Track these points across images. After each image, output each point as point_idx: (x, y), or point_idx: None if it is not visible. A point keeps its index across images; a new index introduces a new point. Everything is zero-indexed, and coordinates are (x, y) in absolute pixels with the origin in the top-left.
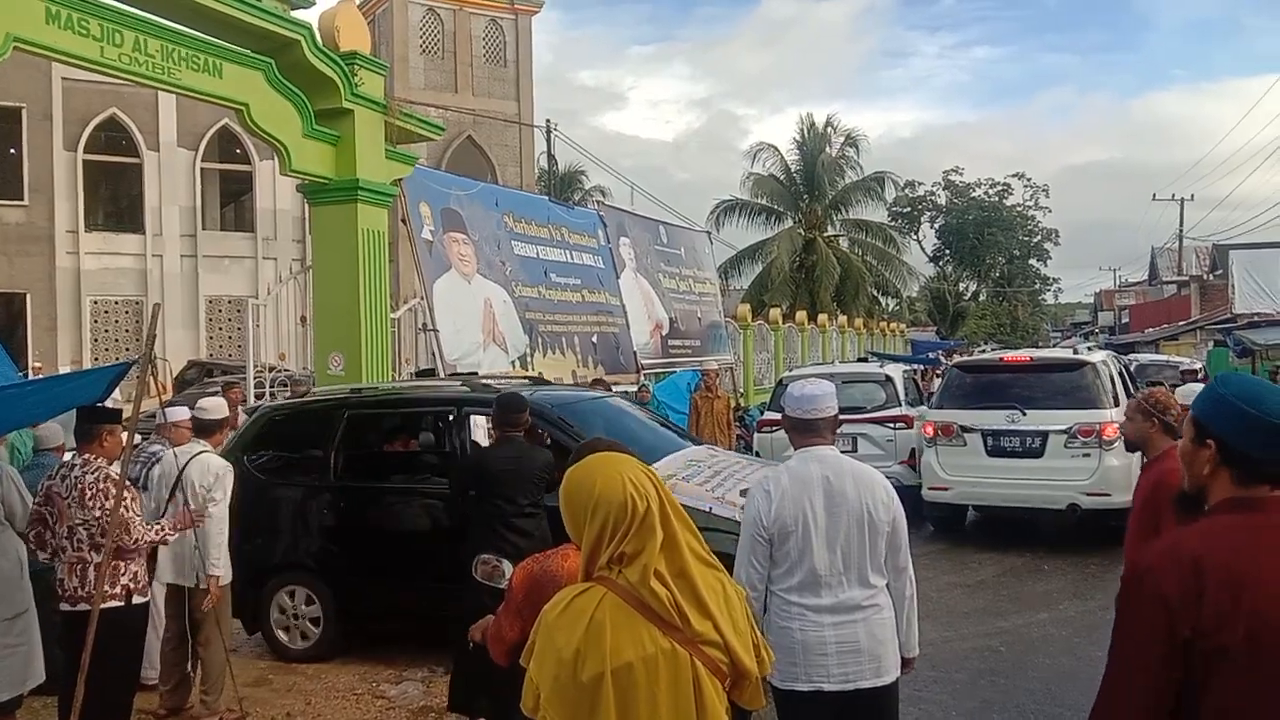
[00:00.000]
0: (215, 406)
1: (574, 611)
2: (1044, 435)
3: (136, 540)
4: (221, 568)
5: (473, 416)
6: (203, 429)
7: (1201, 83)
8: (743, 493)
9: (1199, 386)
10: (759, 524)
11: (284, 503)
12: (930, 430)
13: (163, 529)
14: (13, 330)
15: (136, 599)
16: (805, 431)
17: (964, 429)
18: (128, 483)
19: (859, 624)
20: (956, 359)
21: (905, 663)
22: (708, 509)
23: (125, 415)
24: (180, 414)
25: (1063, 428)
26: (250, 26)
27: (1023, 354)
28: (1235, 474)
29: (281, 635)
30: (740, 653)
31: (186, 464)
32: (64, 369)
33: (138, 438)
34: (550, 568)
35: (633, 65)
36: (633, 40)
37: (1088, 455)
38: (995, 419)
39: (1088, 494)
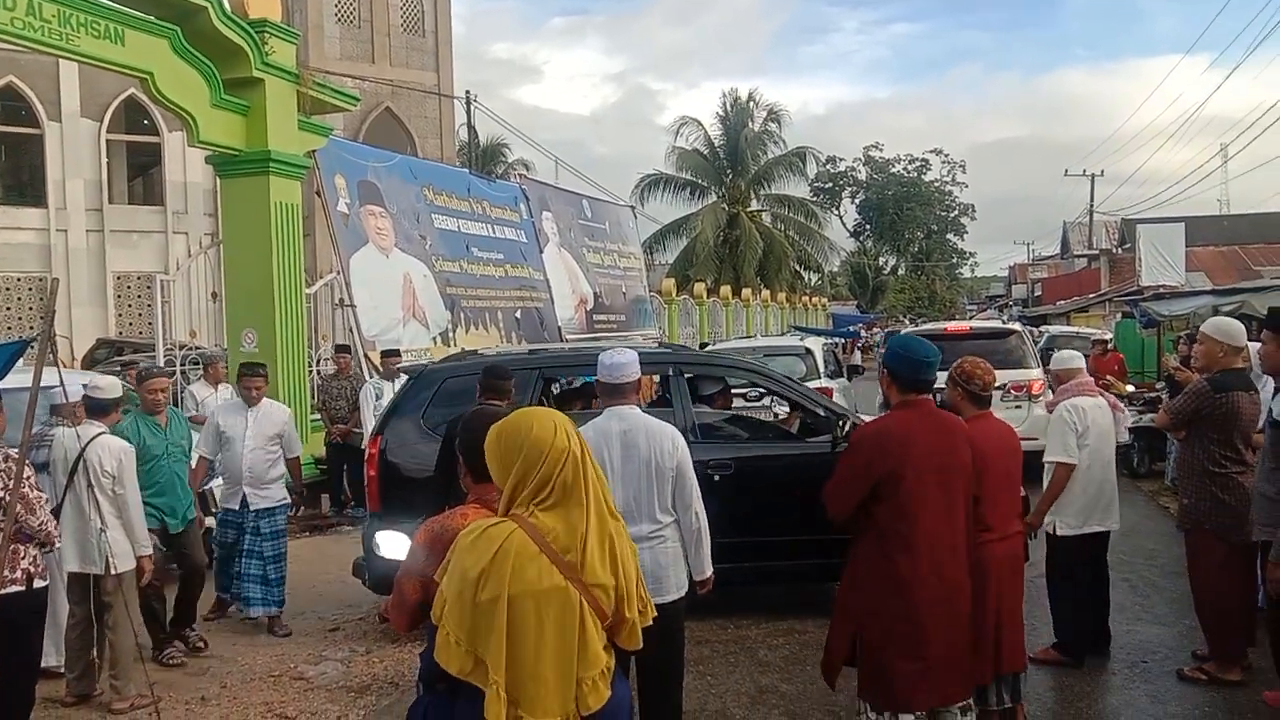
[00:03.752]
0: (108, 385)
1: (485, 539)
2: None
3: (42, 524)
4: (142, 548)
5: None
6: (96, 409)
7: (1104, 62)
8: None
9: (1068, 353)
10: None
11: None
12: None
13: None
14: None
15: (37, 583)
16: (612, 393)
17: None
18: (29, 464)
19: (645, 551)
20: (877, 331)
21: (701, 583)
22: None
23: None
24: (79, 392)
25: (999, 385)
26: None
27: (963, 324)
28: (899, 388)
29: None
30: (625, 601)
31: (86, 445)
32: None
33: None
34: (451, 526)
35: (547, 38)
36: (546, 13)
37: (1019, 407)
38: (942, 379)
39: (1021, 439)
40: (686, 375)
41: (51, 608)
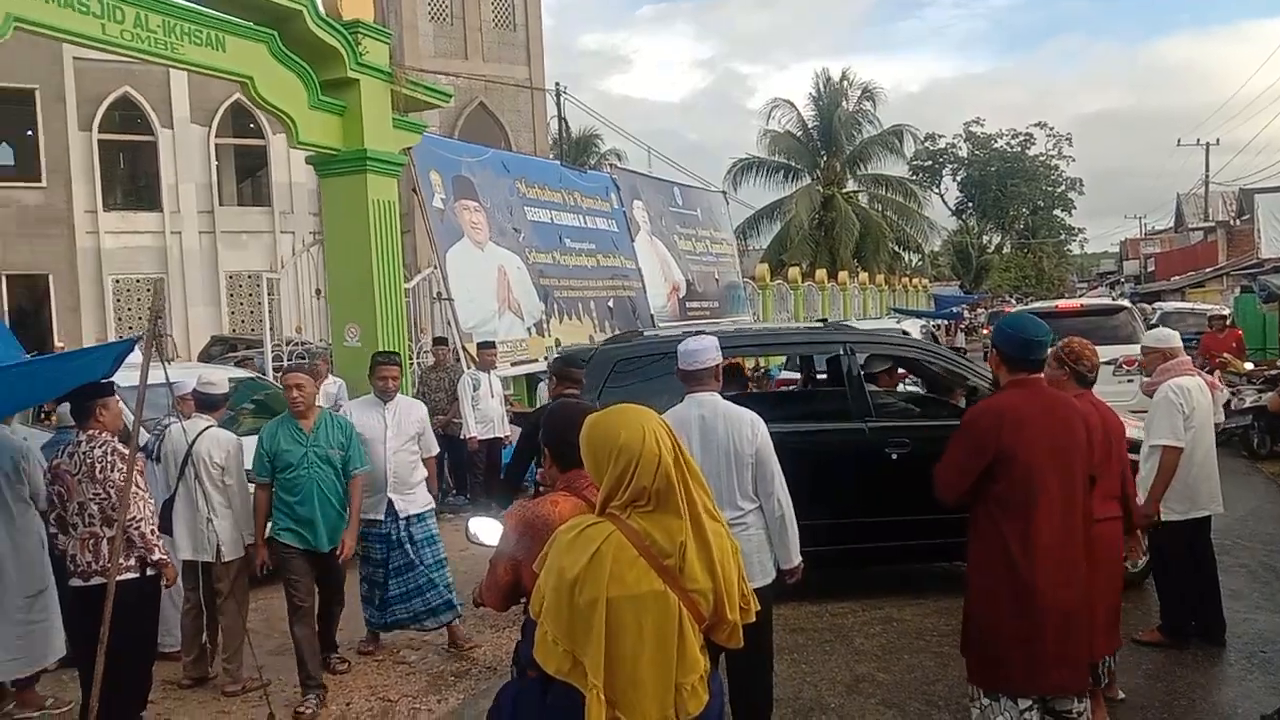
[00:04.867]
0: (217, 381)
1: (584, 540)
2: None
3: (133, 518)
4: (250, 537)
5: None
6: (205, 404)
7: (1213, 26)
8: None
9: (1164, 331)
10: None
11: None
12: None
13: (159, 547)
14: (37, 312)
15: (150, 570)
16: (692, 380)
17: None
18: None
19: None
20: (981, 312)
21: (788, 572)
22: None
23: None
24: (189, 387)
25: (1109, 360)
26: None
27: (1074, 303)
28: (1009, 368)
29: None
30: (725, 602)
31: (195, 439)
32: None
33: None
34: (541, 513)
35: (635, 27)
36: (635, 1)
37: (1131, 380)
38: None
39: (1131, 411)
40: (859, 355)
41: (168, 593)
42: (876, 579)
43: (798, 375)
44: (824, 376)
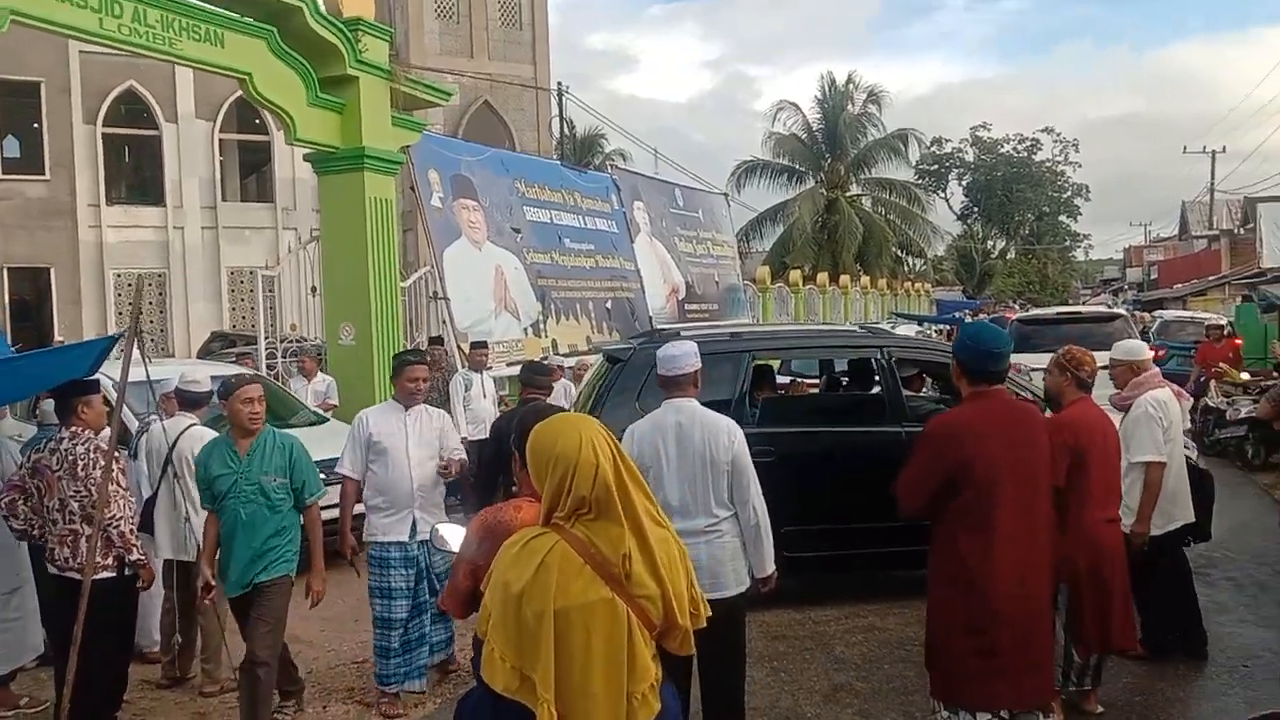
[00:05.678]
0: (201, 378)
1: (528, 552)
2: None
3: (113, 517)
4: None
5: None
6: (189, 401)
7: (1224, 31)
8: None
9: (1133, 343)
10: None
11: None
12: None
13: (137, 548)
14: (39, 304)
15: (128, 569)
16: (670, 386)
17: (1031, 369)
18: (116, 452)
19: (701, 546)
20: (983, 317)
21: (763, 580)
22: None
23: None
24: (171, 385)
25: (1104, 363)
26: None
27: (1072, 310)
28: (969, 379)
29: None
30: (675, 608)
31: (178, 438)
32: None
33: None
34: (504, 518)
35: (642, 27)
36: (642, 1)
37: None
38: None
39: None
40: (894, 359)
41: (147, 593)
42: (861, 586)
43: (791, 380)
44: (846, 380)
